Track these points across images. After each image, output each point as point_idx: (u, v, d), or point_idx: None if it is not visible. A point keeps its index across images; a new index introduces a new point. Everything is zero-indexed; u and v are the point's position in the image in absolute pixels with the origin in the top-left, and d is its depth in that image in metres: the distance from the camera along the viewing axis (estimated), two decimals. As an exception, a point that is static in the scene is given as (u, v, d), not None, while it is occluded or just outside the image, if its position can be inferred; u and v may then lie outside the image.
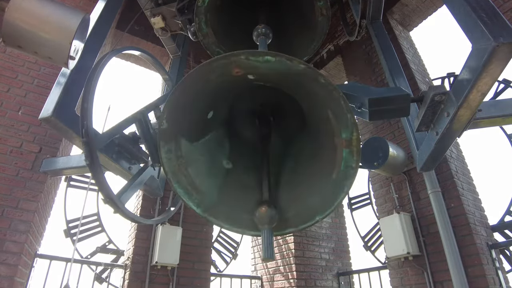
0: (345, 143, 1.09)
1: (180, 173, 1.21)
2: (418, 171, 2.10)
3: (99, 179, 1.37)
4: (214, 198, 1.33)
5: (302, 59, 2.39)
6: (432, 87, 1.64)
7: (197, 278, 4.07)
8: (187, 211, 4.21)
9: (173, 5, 2.88)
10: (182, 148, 1.20)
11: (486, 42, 1.31)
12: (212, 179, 1.36)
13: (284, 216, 1.32)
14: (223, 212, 1.33)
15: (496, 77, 1.40)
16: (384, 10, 3.26)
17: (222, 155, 1.45)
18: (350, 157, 1.10)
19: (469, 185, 3.78)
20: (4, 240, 2.77)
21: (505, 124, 3.41)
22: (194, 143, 1.25)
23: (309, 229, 5.17)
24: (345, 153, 1.10)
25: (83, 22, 1.76)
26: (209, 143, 1.35)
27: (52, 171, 3.16)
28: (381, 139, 3.88)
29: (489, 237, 3.48)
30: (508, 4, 3.46)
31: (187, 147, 1.21)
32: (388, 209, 4.10)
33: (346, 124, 1.05)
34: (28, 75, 3.56)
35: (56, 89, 1.84)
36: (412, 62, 4.62)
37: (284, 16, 2.39)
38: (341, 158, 1.12)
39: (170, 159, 1.17)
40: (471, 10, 1.40)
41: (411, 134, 2.27)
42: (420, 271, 3.53)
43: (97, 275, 3.87)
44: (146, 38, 5.43)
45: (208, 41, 2.29)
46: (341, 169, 1.14)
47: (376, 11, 3.16)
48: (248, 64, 1.00)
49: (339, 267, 5.33)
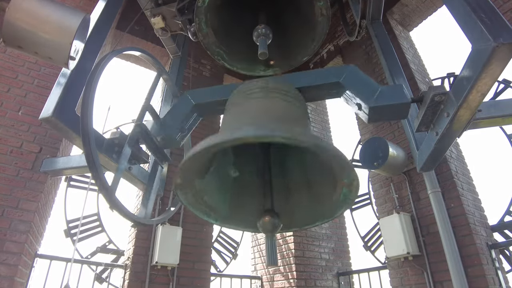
0: (345, 184, 1.14)
1: (198, 204, 1.32)
2: (418, 171, 2.11)
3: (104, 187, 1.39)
4: (228, 209, 1.44)
5: (302, 59, 2.40)
6: (432, 87, 1.64)
7: (197, 278, 4.07)
8: (187, 211, 4.21)
9: (173, 5, 2.88)
10: (196, 186, 1.29)
11: (486, 42, 1.31)
12: (224, 195, 1.46)
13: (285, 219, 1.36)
14: (237, 217, 1.44)
15: (496, 77, 1.40)
16: (384, 10, 3.27)
17: (229, 167, 1.51)
18: (349, 193, 1.16)
19: (469, 185, 3.78)
20: (4, 240, 2.77)
21: (505, 124, 3.40)
22: (205, 176, 1.34)
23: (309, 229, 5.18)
24: (344, 190, 1.17)
25: (83, 23, 1.76)
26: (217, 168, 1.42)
27: (52, 171, 3.16)
28: (381, 139, 3.88)
29: (489, 237, 3.49)
30: (508, 5, 3.46)
31: (200, 183, 1.30)
32: (388, 209, 4.10)
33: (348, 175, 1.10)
34: (28, 75, 3.56)
35: (57, 90, 1.84)
36: (412, 62, 4.62)
37: (284, 16, 2.39)
38: (341, 192, 1.18)
39: (188, 198, 1.27)
40: (471, 10, 1.40)
41: (411, 134, 2.28)
42: (420, 271, 3.53)
43: (97, 275, 3.87)
44: (146, 38, 5.44)
45: (208, 41, 2.29)
46: (340, 199, 1.20)
47: (376, 11, 3.16)
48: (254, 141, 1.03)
49: (339, 267, 5.33)
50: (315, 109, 6.67)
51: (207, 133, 4.76)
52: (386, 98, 1.59)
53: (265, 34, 1.99)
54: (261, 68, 2.45)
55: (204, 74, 5.80)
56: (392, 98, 1.60)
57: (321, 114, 6.77)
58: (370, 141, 3.98)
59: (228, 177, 1.51)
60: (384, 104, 1.58)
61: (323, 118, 6.74)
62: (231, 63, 2.40)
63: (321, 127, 6.55)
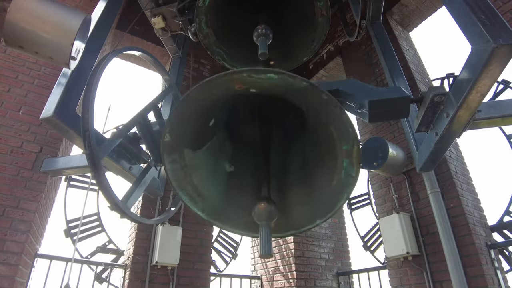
0: (345, 154, 1.11)
1: (185, 182, 1.24)
2: (418, 171, 2.11)
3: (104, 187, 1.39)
4: (217, 202, 1.36)
5: (302, 59, 2.41)
6: (432, 88, 1.64)
7: (197, 278, 4.08)
8: (187, 211, 4.21)
9: (174, 5, 2.88)
10: (186, 157, 1.21)
11: (485, 43, 1.31)
12: (215, 184, 1.38)
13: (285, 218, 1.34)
14: (226, 215, 1.36)
15: (496, 78, 1.41)
16: (384, 11, 3.27)
17: (224, 159, 1.47)
18: (350, 166, 1.12)
19: (468, 186, 3.79)
20: (5, 240, 2.77)
21: (504, 125, 3.41)
22: (197, 151, 1.27)
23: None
24: (345, 163, 1.12)
25: (84, 23, 1.77)
26: (211, 148, 1.37)
27: (53, 171, 3.16)
28: (381, 139, 3.89)
29: (488, 237, 3.49)
30: (507, 6, 3.47)
31: (190, 156, 1.23)
32: (388, 209, 4.10)
33: (348, 138, 1.07)
34: (28, 75, 3.56)
35: (57, 89, 1.84)
36: (411, 63, 4.63)
37: (284, 17, 2.39)
38: (342, 167, 1.14)
39: (175, 169, 1.19)
40: (470, 11, 1.41)
41: (410, 135, 2.28)
42: (420, 271, 3.54)
43: (97, 275, 3.87)
44: (146, 38, 5.44)
45: (209, 41, 2.30)
46: (341, 177, 1.16)
47: (376, 12, 3.16)
48: (250, 81, 1.01)
49: (339, 267, 5.34)
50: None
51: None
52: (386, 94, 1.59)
53: (265, 34, 2.00)
54: (261, 69, 2.45)
55: (204, 74, 5.80)
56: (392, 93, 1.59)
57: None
58: (370, 141, 3.98)
59: (223, 170, 1.47)
60: (383, 98, 1.56)
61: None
62: (231, 63, 2.41)
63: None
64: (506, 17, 3.41)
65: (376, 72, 4.80)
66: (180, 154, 1.19)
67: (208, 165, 1.36)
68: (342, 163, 1.13)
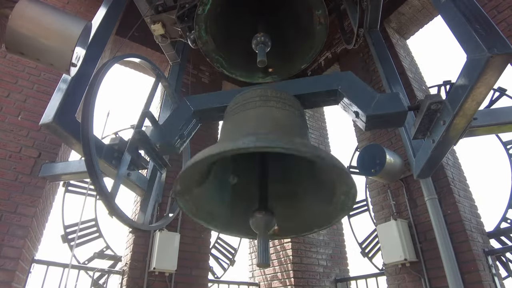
0: (344, 193, 1.18)
1: (199, 212, 1.36)
2: (415, 178, 2.13)
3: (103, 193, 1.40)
4: (227, 216, 1.48)
5: (300, 67, 2.43)
6: (429, 95, 1.67)
7: (194, 285, 4.06)
8: (185, 217, 4.21)
9: (173, 12, 2.91)
10: (196, 193, 1.32)
11: (480, 53, 1.34)
12: (223, 201, 1.49)
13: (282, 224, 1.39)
14: (236, 224, 1.48)
15: (491, 86, 1.43)
16: (381, 19, 3.31)
17: (227, 174, 1.53)
18: (347, 200, 1.19)
19: (465, 192, 3.81)
20: (2, 245, 2.76)
21: (500, 132, 3.44)
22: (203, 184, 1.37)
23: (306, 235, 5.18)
24: (342, 198, 1.20)
25: (85, 30, 1.78)
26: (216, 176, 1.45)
27: (51, 176, 3.16)
28: (379, 146, 3.91)
29: (485, 243, 3.50)
30: (502, 15, 3.52)
31: (198, 191, 1.34)
32: (385, 216, 4.11)
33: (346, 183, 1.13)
34: (28, 80, 3.57)
35: (57, 95, 1.85)
36: (409, 70, 4.67)
37: (283, 24, 2.42)
38: (339, 199, 1.22)
39: (188, 206, 1.31)
40: (465, 21, 1.43)
41: (408, 142, 2.30)
42: (417, 278, 3.54)
43: (94, 281, 3.85)
44: (146, 44, 5.45)
45: (208, 49, 2.31)
46: (338, 206, 1.24)
47: (374, 20, 3.20)
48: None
49: (337, 273, 5.32)
50: (313, 116, 6.70)
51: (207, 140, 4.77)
52: (383, 107, 1.61)
53: (264, 42, 2.02)
54: (259, 75, 2.47)
55: (203, 81, 5.83)
56: (389, 107, 1.62)
57: (319, 120, 6.80)
58: (368, 148, 4.00)
59: (227, 184, 1.53)
60: (381, 113, 1.60)
61: (321, 125, 6.77)
62: (230, 70, 2.42)
63: (319, 134, 6.57)
64: (500, 27, 3.45)
65: (374, 80, 4.84)
66: (190, 195, 1.30)
67: (214, 189, 1.46)
68: (340, 196, 1.20)
